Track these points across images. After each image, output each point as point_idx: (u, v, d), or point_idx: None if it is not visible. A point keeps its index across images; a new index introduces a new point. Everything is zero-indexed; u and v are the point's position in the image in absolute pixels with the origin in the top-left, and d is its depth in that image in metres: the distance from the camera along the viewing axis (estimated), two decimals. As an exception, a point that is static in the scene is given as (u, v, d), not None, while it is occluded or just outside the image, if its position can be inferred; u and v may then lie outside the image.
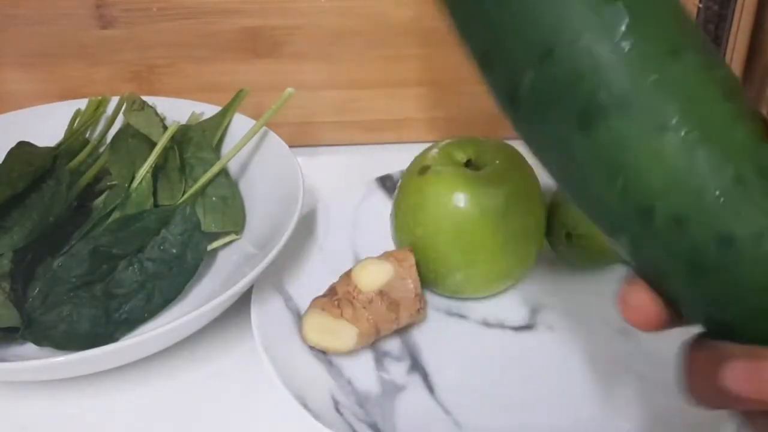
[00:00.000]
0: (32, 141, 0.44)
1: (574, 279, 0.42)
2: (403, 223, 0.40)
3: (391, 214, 0.41)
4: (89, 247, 0.39)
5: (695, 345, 0.23)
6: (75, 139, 0.46)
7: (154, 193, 0.43)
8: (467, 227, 0.37)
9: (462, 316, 0.41)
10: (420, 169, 0.39)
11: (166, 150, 0.44)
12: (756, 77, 0.49)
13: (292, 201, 0.41)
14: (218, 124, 0.47)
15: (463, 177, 0.38)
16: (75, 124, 0.48)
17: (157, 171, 0.43)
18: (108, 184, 0.45)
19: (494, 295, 0.41)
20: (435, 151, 0.40)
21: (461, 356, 0.38)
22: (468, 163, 0.39)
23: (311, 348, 0.37)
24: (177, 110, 0.49)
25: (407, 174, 0.40)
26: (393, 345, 0.39)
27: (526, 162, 0.39)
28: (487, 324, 0.40)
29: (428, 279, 0.39)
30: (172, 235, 0.41)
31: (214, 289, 0.41)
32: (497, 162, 0.38)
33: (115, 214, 0.41)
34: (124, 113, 0.48)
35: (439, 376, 0.37)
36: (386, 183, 0.46)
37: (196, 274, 0.40)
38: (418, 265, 0.38)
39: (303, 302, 0.39)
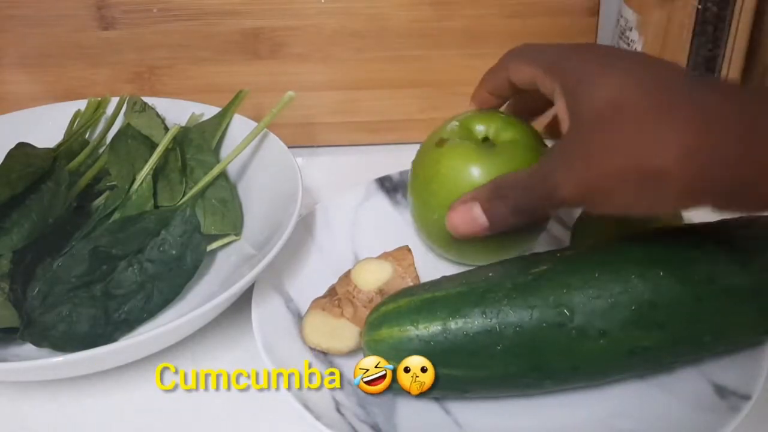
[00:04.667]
0: (32, 142, 0.44)
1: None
2: (419, 191, 0.41)
3: (408, 183, 0.42)
4: (89, 248, 0.39)
5: None
6: (74, 140, 0.46)
7: (154, 195, 0.43)
8: None
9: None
10: (438, 141, 0.39)
11: (167, 151, 0.44)
12: (755, 77, 0.49)
13: (290, 201, 0.41)
14: (218, 125, 0.47)
15: (478, 152, 0.38)
16: (75, 125, 0.48)
17: (157, 172, 0.43)
18: (108, 184, 0.45)
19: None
20: (455, 123, 0.40)
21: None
22: (485, 140, 0.40)
23: (312, 349, 0.37)
24: (177, 111, 0.49)
25: (426, 144, 0.41)
26: (393, 345, 0.39)
27: (542, 141, 0.40)
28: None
29: (441, 244, 0.41)
30: (172, 236, 0.41)
31: (213, 290, 0.41)
32: (514, 138, 0.39)
33: (116, 215, 0.41)
34: (124, 114, 0.48)
35: (439, 377, 0.37)
36: (386, 184, 0.46)
37: (195, 275, 0.40)
38: (432, 232, 0.39)
39: (303, 303, 0.39)
